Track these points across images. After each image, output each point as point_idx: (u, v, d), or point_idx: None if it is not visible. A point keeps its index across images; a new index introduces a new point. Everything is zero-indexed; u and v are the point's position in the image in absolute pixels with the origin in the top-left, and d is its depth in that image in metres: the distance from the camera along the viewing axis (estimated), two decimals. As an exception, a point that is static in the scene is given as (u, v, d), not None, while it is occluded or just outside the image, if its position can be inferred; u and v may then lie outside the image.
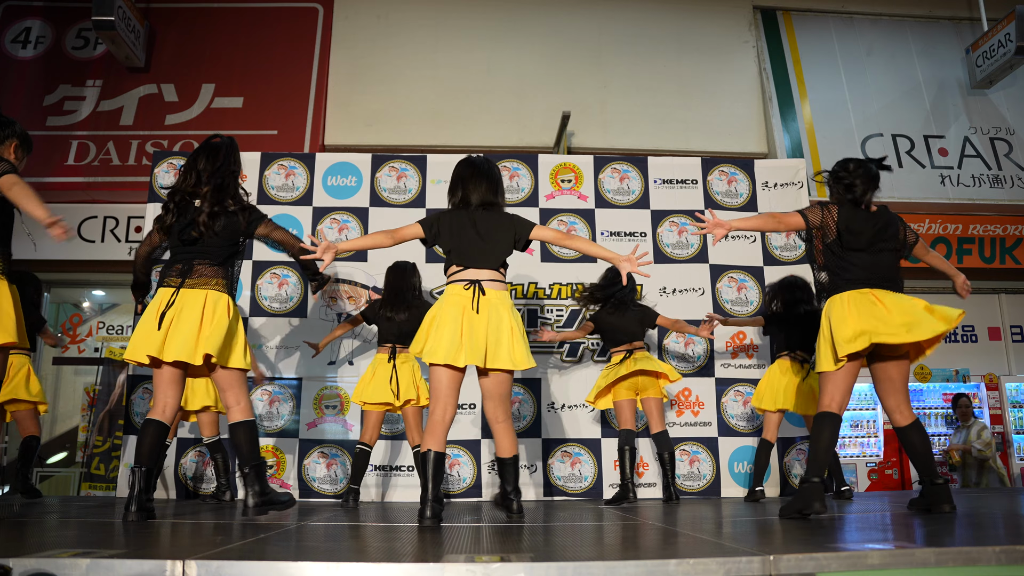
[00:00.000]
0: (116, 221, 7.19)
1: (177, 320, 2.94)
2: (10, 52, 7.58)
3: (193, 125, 7.31)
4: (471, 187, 3.04)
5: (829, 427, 3.09)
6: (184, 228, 3.06)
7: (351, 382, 5.08)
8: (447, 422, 2.92)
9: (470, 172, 3.07)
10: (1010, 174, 7.59)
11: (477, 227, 2.97)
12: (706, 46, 8.09)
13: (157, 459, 3.08)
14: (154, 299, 3.03)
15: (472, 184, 3.04)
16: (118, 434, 5.90)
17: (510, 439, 3.02)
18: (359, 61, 7.75)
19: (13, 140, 3.07)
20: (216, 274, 3.05)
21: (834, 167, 3.39)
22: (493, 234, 2.98)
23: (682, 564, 1.73)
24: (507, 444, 3.02)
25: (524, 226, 3.04)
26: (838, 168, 3.36)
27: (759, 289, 5.43)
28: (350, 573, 1.70)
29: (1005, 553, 1.86)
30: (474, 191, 3.03)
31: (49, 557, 1.73)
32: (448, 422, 2.92)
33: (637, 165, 5.68)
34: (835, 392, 3.11)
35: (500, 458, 3.06)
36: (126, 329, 7.54)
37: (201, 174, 3.12)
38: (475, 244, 2.95)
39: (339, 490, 4.90)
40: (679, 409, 5.20)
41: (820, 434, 3.09)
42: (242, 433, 3.06)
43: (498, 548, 2.07)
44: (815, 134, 7.62)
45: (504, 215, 3.06)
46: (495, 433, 3.03)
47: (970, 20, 8.37)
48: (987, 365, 7.96)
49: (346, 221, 5.40)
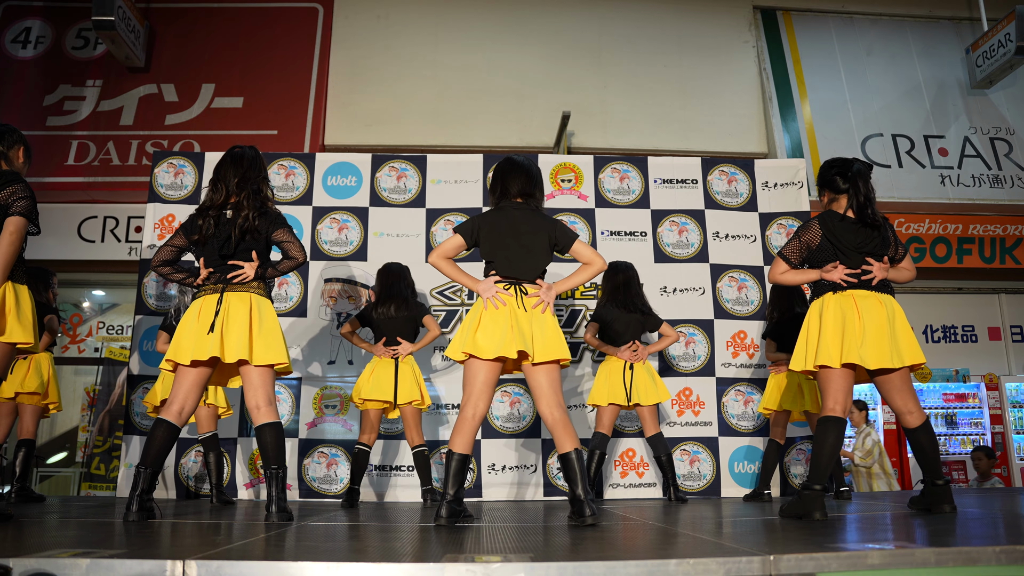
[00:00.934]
0: (116, 221, 7.19)
1: (227, 324, 3.02)
2: (10, 52, 7.58)
3: (193, 125, 7.31)
4: (511, 179, 3.04)
5: (834, 432, 3.03)
6: (223, 242, 3.10)
7: (351, 382, 5.09)
8: (479, 419, 2.91)
9: (510, 166, 3.08)
10: (1010, 174, 7.59)
11: (519, 235, 2.96)
12: (706, 46, 8.09)
13: (163, 461, 3.09)
14: (194, 305, 3.10)
15: (512, 177, 3.05)
16: (118, 434, 5.90)
17: (569, 433, 2.86)
18: (359, 61, 7.75)
19: (20, 146, 3.14)
20: (256, 277, 3.12)
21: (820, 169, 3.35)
22: (534, 243, 2.97)
23: (682, 564, 1.73)
24: (565, 439, 2.85)
25: (566, 236, 3.02)
26: (823, 170, 3.31)
27: (759, 288, 5.43)
28: (350, 573, 1.70)
29: (1005, 553, 1.86)
30: (513, 183, 3.03)
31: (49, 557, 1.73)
32: (479, 419, 2.91)
33: (637, 165, 5.68)
34: (837, 395, 3.05)
35: (561, 455, 2.89)
36: (126, 329, 7.54)
37: (230, 184, 3.15)
38: (517, 254, 2.95)
39: (339, 490, 4.90)
40: (679, 409, 5.20)
41: (824, 439, 3.02)
42: (269, 435, 3.07)
43: (498, 548, 2.07)
44: (815, 134, 7.62)
45: (546, 219, 3.04)
46: (555, 431, 2.88)
47: (970, 20, 8.37)
48: (987, 365, 7.96)
49: (346, 221, 5.40)
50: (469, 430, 2.88)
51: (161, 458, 3.01)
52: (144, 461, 2.97)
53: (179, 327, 3.09)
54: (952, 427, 7.66)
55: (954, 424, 7.66)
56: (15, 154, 3.09)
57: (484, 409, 2.93)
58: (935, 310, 8.15)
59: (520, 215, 2.99)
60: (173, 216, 5.34)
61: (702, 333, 5.32)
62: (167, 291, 5.22)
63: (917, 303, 8.06)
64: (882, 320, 3.03)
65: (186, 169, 5.46)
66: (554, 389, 2.93)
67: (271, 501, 3.00)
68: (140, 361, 5.09)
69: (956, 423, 7.67)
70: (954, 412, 7.73)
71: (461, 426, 2.88)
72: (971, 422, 7.77)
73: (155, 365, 5.08)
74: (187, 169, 5.46)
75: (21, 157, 3.13)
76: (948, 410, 7.72)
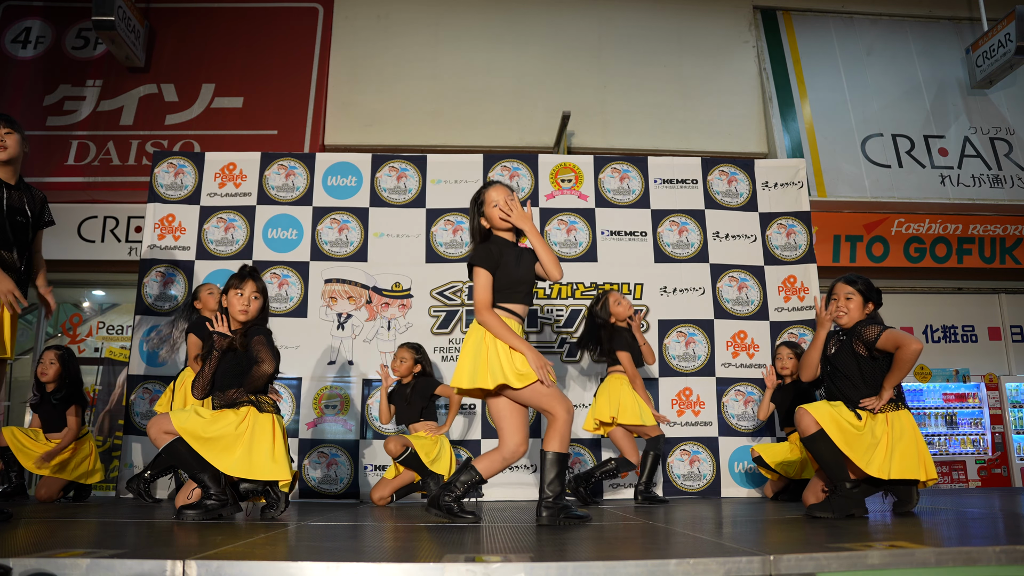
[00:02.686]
0: (116, 221, 7.19)
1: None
2: (10, 52, 7.58)
3: (193, 125, 7.31)
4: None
5: (822, 443, 3.14)
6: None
7: (351, 382, 5.09)
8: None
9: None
10: (1010, 174, 7.59)
11: (520, 263, 2.96)
12: (706, 46, 8.09)
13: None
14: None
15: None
16: (118, 434, 5.90)
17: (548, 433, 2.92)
18: (359, 61, 7.75)
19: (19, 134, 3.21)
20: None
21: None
22: (529, 271, 2.99)
23: (682, 564, 1.73)
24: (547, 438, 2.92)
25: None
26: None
27: (759, 288, 5.44)
28: (350, 573, 1.70)
29: (1005, 553, 1.86)
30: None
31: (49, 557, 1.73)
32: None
33: (637, 165, 5.68)
34: (809, 421, 3.16)
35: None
36: (126, 329, 7.54)
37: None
38: (520, 285, 2.95)
39: (339, 490, 4.91)
40: (679, 409, 5.20)
41: (820, 455, 3.16)
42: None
43: (498, 548, 2.07)
44: (815, 134, 7.62)
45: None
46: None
47: (970, 20, 8.37)
48: (987, 365, 7.96)
49: (346, 221, 5.40)
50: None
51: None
52: (201, 469, 3.09)
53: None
54: (952, 427, 7.66)
55: (954, 424, 7.65)
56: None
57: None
58: (935, 310, 8.15)
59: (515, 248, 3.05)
60: (173, 216, 5.34)
61: (702, 333, 5.32)
62: (167, 291, 5.23)
63: (917, 303, 8.07)
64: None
65: (186, 169, 5.46)
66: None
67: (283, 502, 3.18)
68: (140, 361, 5.09)
69: (956, 423, 7.66)
70: (954, 412, 7.73)
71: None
72: (971, 422, 7.77)
73: (155, 365, 5.09)
74: (187, 169, 5.46)
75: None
76: (948, 410, 7.72)
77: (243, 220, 5.35)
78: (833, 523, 2.81)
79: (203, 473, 3.08)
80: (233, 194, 5.43)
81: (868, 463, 3.11)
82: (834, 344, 3.40)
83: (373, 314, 5.23)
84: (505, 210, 2.91)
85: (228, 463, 3.07)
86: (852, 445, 3.14)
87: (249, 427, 3.13)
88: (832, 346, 3.41)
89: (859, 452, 3.13)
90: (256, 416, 3.16)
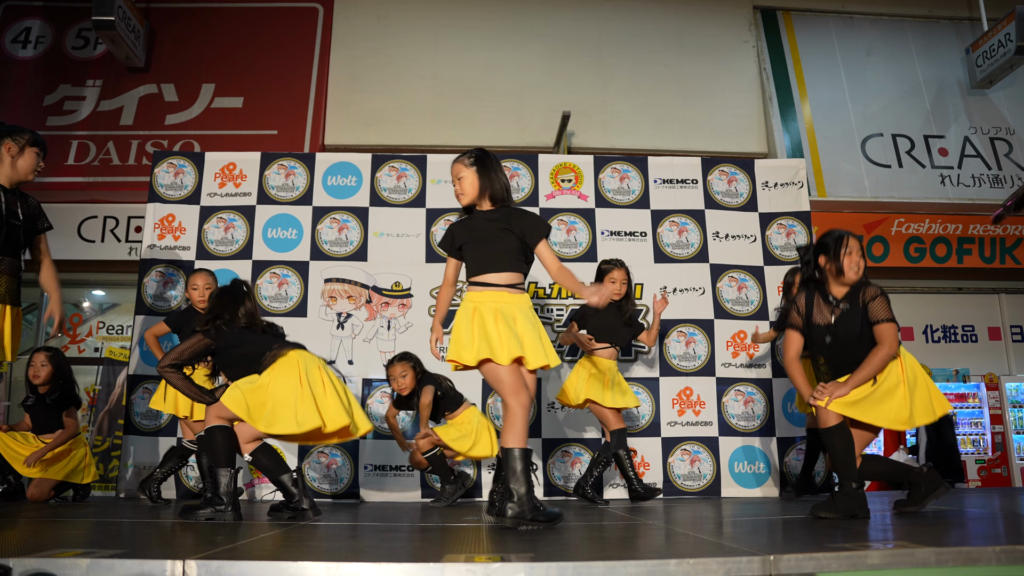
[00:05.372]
0: (116, 221, 7.19)
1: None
2: (10, 52, 7.58)
3: (193, 125, 7.32)
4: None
5: (839, 436, 3.10)
6: None
7: (350, 383, 5.08)
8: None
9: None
10: (1010, 174, 7.59)
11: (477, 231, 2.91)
12: (706, 46, 8.09)
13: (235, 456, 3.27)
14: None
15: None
16: (118, 434, 5.90)
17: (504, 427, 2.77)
18: (359, 61, 7.75)
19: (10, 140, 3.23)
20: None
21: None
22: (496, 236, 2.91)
23: (682, 564, 1.73)
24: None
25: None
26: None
27: (759, 288, 5.43)
28: (350, 573, 1.70)
29: (1005, 553, 1.86)
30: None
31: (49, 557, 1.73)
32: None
33: (637, 165, 5.68)
34: (831, 414, 3.10)
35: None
36: (126, 329, 7.54)
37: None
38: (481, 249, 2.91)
39: (339, 490, 4.90)
40: (680, 408, 5.20)
41: (833, 448, 3.11)
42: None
43: (498, 548, 2.07)
44: (815, 134, 7.62)
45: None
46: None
47: (970, 20, 8.37)
48: (987, 365, 7.96)
49: (346, 221, 5.40)
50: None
51: (233, 455, 3.23)
52: (228, 463, 3.20)
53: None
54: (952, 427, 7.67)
55: (954, 424, 7.65)
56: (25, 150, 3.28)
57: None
58: (935, 310, 8.16)
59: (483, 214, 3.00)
60: (173, 216, 5.34)
61: (702, 333, 5.32)
62: (167, 291, 5.23)
63: (917, 303, 8.07)
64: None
65: (186, 169, 5.46)
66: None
67: (304, 501, 3.30)
68: (140, 361, 5.09)
69: (956, 423, 7.66)
70: (954, 412, 7.73)
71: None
72: (971, 422, 7.78)
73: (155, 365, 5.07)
74: (187, 169, 5.46)
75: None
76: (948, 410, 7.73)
77: (243, 220, 5.35)
78: (833, 523, 2.81)
79: (228, 468, 3.20)
80: (233, 194, 5.43)
81: (879, 417, 3.06)
82: (830, 312, 3.22)
83: (373, 314, 5.23)
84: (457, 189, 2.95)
85: (328, 412, 3.21)
86: (864, 409, 3.07)
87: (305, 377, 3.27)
88: (831, 315, 3.21)
89: (871, 412, 3.07)
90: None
